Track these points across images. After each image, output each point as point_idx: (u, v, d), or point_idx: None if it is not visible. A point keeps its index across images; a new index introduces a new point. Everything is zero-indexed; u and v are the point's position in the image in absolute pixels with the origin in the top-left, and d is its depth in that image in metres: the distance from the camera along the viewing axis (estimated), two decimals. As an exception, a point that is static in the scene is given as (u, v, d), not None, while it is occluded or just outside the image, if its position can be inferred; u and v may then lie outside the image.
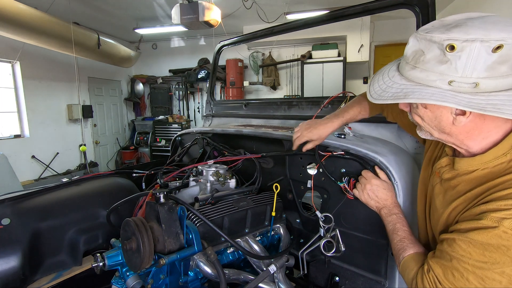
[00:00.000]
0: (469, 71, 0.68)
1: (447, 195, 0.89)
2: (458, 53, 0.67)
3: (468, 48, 0.66)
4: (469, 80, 0.68)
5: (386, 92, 0.80)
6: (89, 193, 1.73)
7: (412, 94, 0.74)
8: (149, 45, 8.44)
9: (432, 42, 0.71)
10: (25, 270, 1.36)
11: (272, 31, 2.17)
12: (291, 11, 5.88)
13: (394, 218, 1.07)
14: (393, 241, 1.02)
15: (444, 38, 0.69)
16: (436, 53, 0.71)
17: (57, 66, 6.31)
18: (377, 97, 0.82)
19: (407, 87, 0.76)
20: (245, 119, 2.42)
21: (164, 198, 1.17)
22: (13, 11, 4.20)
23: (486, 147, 0.80)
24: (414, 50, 0.76)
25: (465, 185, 0.83)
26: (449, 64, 0.69)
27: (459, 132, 0.79)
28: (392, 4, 1.51)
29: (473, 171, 0.82)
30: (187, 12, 3.97)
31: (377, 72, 0.91)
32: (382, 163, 1.20)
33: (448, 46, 0.68)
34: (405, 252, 0.96)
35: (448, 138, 0.83)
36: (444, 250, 0.79)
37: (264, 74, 7.38)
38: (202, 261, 1.19)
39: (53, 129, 6.33)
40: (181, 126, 7.53)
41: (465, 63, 0.67)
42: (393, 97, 0.78)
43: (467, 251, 0.73)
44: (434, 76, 0.72)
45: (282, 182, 1.61)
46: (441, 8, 5.77)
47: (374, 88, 0.85)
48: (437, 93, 0.71)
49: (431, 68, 0.72)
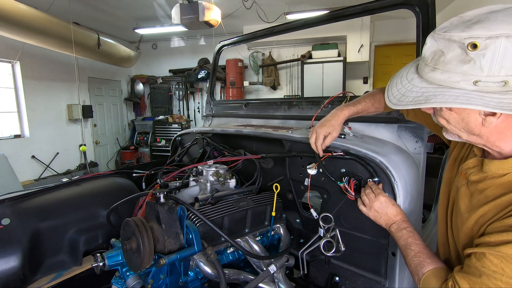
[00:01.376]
0: (496, 69, 0.62)
1: (474, 199, 0.83)
2: (482, 51, 0.63)
3: (493, 45, 0.61)
4: (496, 78, 0.63)
5: (406, 96, 0.76)
6: (89, 193, 1.73)
7: (434, 97, 0.69)
8: (149, 45, 8.44)
9: (452, 42, 0.66)
10: (25, 270, 1.36)
11: (272, 31, 2.17)
12: (291, 11, 5.87)
13: (404, 233, 1.01)
14: (408, 256, 0.96)
15: (465, 37, 0.64)
16: (457, 53, 0.66)
17: (57, 66, 6.31)
18: (396, 102, 0.77)
19: (428, 91, 0.72)
20: (245, 119, 2.42)
21: (164, 198, 1.17)
22: (13, 11, 4.20)
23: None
24: (433, 51, 0.71)
25: (495, 189, 0.77)
26: (473, 63, 0.64)
27: (490, 133, 0.73)
28: (392, 4, 1.51)
29: (504, 175, 0.76)
30: (187, 12, 3.97)
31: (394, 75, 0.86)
32: (382, 163, 1.20)
33: (470, 44, 0.63)
34: (424, 268, 0.89)
35: (478, 140, 0.77)
36: (472, 265, 0.73)
37: (264, 74, 7.38)
38: (202, 261, 1.19)
39: (53, 129, 6.33)
40: (181, 126, 7.52)
41: (491, 61, 0.62)
42: (414, 102, 0.73)
43: (500, 267, 0.68)
44: (457, 77, 0.67)
45: (282, 182, 1.61)
46: (441, 8, 5.76)
47: (393, 93, 0.80)
48: (462, 95, 0.66)
49: (453, 69, 0.67)
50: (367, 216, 1.15)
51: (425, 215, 1.86)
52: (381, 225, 1.11)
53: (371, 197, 1.13)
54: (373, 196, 1.13)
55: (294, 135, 1.55)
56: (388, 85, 0.85)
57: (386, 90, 0.84)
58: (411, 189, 1.25)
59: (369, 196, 1.14)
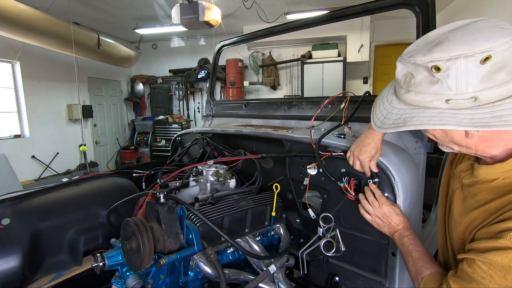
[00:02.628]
0: (463, 87, 0.65)
1: (466, 202, 0.85)
2: (446, 73, 0.65)
3: (454, 66, 0.64)
4: (466, 95, 0.65)
5: (387, 119, 0.79)
6: (89, 193, 1.73)
7: (411, 120, 0.73)
8: (149, 45, 8.44)
9: (417, 65, 0.70)
10: (25, 270, 1.36)
11: (272, 31, 2.17)
12: (291, 11, 5.87)
13: (406, 241, 1.04)
14: (409, 263, 0.99)
15: (427, 60, 0.67)
16: (424, 75, 0.70)
17: (57, 66, 6.31)
18: (380, 125, 0.81)
19: (405, 112, 0.75)
20: (245, 119, 2.42)
21: (164, 198, 1.17)
22: (13, 11, 4.20)
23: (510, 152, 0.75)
24: (403, 74, 0.75)
25: (485, 194, 0.79)
26: (440, 84, 0.67)
27: (477, 143, 0.75)
28: (392, 4, 1.51)
29: (493, 180, 0.77)
30: (187, 12, 3.97)
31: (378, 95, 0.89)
32: (382, 163, 1.20)
33: (433, 67, 0.66)
34: (423, 273, 0.92)
35: (468, 150, 0.79)
36: (464, 271, 0.76)
37: (264, 74, 7.38)
38: (202, 261, 1.19)
39: (53, 129, 6.33)
40: (181, 126, 7.53)
41: (456, 80, 0.65)
42: (394, 125, 0.76)
43: (488, 273, 0.69)
44: (429, 97, 0.70)
45: (282, 182, 1.61)
46: (441, 8, 5.76)
47: (377, 115, 0.84)
48: (436, 115, 0.69)
49: (424, 90, 0.70)
50: (371, 224, 1.16)
51: (425, 215, 1.86)
52: (384, 232, 1.13)
53: (375, 206, 1.14)
54: (377, 204, 1.14)
55: (294, 135, 1.55)
56: (373, 105, 0.88)
57: (372, 111, 0.88)
58: (411, 189, 1.25)
59: (373, 204, 1.14)
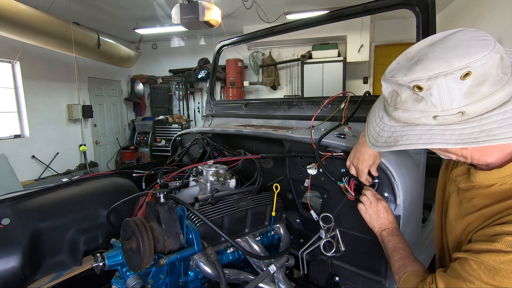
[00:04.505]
0: (448, 103, 0.65)
1: (462, 207, 0.85)
2: (428, 91, 0.65)
3: (435, 85, 0.64)
4: (452, 111, 0.65)
5: (380, 136, 0.79)
6: (89, 193, 1.73)
7: (401, 139, 0.73)
8: (149, 45, 8.44)
9: (400, 85, 0.70)
10: (25, 270, 1.36)
11: (272, 31, 2.17)
12: (291, 11, 5.87)
13: (396, 239, 1.05)
14: (393, 258, 1.00)
15: (408, 81, 0.67)
16: (409, 93, 0.69)
17: (57, 66, 6.31)
18: (374, 143, 0.81)
19: (396, 130, 0.75)
20: (245, 119, 2.42)
21: (164, 198, 1.17)
22: (13, 11, 4.20)
23: (506, 158, 0.75)
24: (389, 92, 0.75)
25: (481, 199, 0.79)
26: (425, 101, 0.67)
27: (472, 152, 0.75)
28: (392, 4, 1.51)
29: (490, 186, 0.77)
30: (187, 12, 3.97)
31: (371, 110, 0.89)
32: (382, 163, 1.20)
33: (415, 87, 0.66)
34: (406, 268, 0.93)
35: (464, 159, 0.79)
36: (454, 268, 0.77)
37: (264, 74, 7.38)
38: (202, 261, 1.19)
39: (53, 129, 6.33)
40: (181, 126, 7.52)
41: (439, 98, 0.65)
42: (386, 144, 0.76)
43: (477, 272, 0.70)
44: (417, 114, 0.70)
45: (282, 182, 1.61)
46: (441, 8, 5.76)
47: (370, 132, 0.84)
48: (425, 133, 0.69)
49: (411, 107, 0.70)
50: (363, 216, 1.17)
51: (425, 215, 1.86)
52: (373, 227, 1.14)
53: (372, 199, 1.16)
54: (374, 199, 1.15)
55: (294, 135, 1.55)
56: (367, 121, 0.88)
57: (366, 127, 0.88)
58: (411, 189, 1.25)
59: (370, 198, 1.16)
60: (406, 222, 1.23)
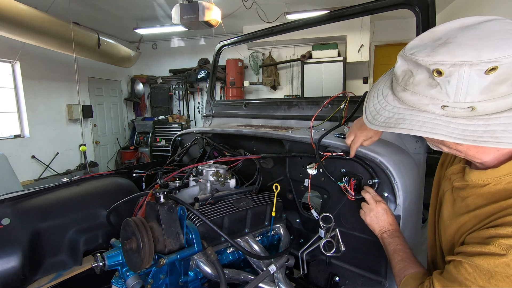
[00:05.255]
0: (462, 96, 0.61)
1: (456, 206, 0.84)
2: (447, 78, 0.61)
3: (457, 73, 0.59)
4: (463, 105, 0.62)
5: (380, 115, 0.75)
6: (89, 193, 1.73)
7: (403, 122, 0.69)
8: (149, 45, 8.44)
9: (419, 65, 0.65)
10: (25, 270, 1.36)
11: (272, 31, 2.17)
12: (291, 11, 5.87)
13: (396, 240, 1.05)
14: (394, 260, 1.00)
15: (430, 63, 0.62)
16: (425, 76, 0.65)
17: (57, 66, 6.31)
18: (371, 120, 0.77)
19: (399, 112, 0.71)
20: (245, 119, 2.42)
21: (164, 198, 1.17)
22: (13, 11, 4.20)
23: (502, 158, 0.73)
24: (403, 70, 0.70)
25: (475, 199, 0.78)
26: (439, 88, 0.63)
27: (468, 148, 0.73)
28: (392, 4, 1.51)
29: (484, 185, 0.76)
30: (187, 12, 3.97)
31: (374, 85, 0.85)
32: (382, 163, 1.20)
33: (435, 70, 0.62)
34: (407, 271, 0.93)
35: (458, 153, 0.77)
36: (449, 271, 0.76)
37: (264, 74, 7.38)
38: (202, 261, 1.19)
39: (53, 129, 6.33)
40: (181, 126, 7.52)
41: (456, 88, 0.61)
42: (385, 124, 0.72)
43: (472, 276, 0.69)
44: (426, 100, 0.66)
45: (282, 182, 1.61)
46: (441, 8, 5.76)
47: (369, 108, 0.80)
48: (429, 121, 0.65)
49: (422, 92, 0.66)
50: (363, 219, 1.17)
51: (425, 215, 1.86)
52: (374, 229, 1.14)
53: (371, 202, 1.16)
54: (374, 202, 1.15)
55: (294, 135, 1.55)
56: (367, 96, 0.85)
57: (365, 101, 0.84)
58: (411, 189, 1.25)
59: (370, 201, 1.16)
60: (406, 222, 1.24)
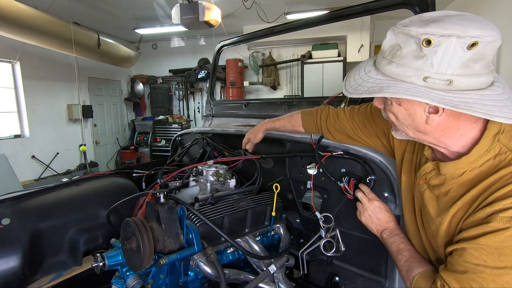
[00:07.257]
0: (444, 67, 0.68)
1: (441, 202, 0.85)
2: (435, 48, 0.67)
3: (445, 43, 0.66)
4: (443, 76, 0.68)
5: (362, 86, 0.80)
6: (89, 193, 1.73)
7: (387, 88, 0.74)
8: (149, 45, 8.44)
9: (410, 37, 0.71)
10: (25, 270, 1.36)
11: (272, 31, 2.17)
12: (291, 11, 5.87)
13: (397, 239, 1.02)
14: (400, 262, 0.97)
15: (422, 32, 0.69)
16: (412, 48, 0.71)
17: (57, 66, 6.31)
18: (352, 91, 0.81)
19: (382, 82, 0.76)
20: (245, 119, 2.42)
21: (164, 198, 1.17)
22: (13, 11, 4.20)
23: (467, 144, 0.79)
24: (391, 45, 0.76)
25: (457, 189, 0.81)
26: (425, 59, 0.69)
27: (435, 130, 0.78)
28: (392, 4, 1.51)
29: (461, 174, 0.79)
30: (187, 12, 3.97)
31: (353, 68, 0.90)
32: (382, 162, 1.20)
33: (425, 40, 0.68)
34: (414, 272, 0.90)
35: (424, 137, 0.82)
36: (455, 262, 0.75)
37: (264, 74, 7.38)
38: (202, 261, 1.19)
39: (53, 129, 6.34)
40: (181, 126, 7.52)
41: (441, 58, 0.67)
42: (368, 91, 0.77)
43: (481, 259, 0.69)
44: (409, 72, 0.72)
45: (282, 182, 1.61)
46: (441, 8, 5.76)
47: (350, 83, 0.84)
48: (412, 88, 0.71)
49: (407, 63, 0.72)
50: (359, 219, 1.15)
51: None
52: (371, 229, 1.11)
53: (364, 201, 1.13)
54: (366, 200, 1.13)
55: (294, 135, 1.55)
56: (346, 76, 0.89)
57: (343, 80, 0.88)
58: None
59: (363, 200, 1.14)
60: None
